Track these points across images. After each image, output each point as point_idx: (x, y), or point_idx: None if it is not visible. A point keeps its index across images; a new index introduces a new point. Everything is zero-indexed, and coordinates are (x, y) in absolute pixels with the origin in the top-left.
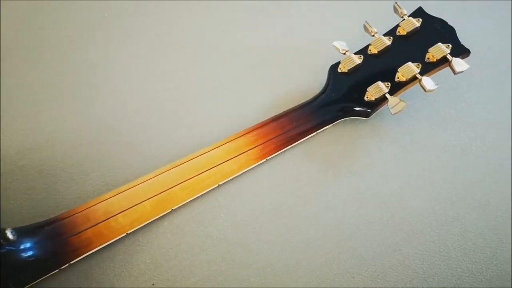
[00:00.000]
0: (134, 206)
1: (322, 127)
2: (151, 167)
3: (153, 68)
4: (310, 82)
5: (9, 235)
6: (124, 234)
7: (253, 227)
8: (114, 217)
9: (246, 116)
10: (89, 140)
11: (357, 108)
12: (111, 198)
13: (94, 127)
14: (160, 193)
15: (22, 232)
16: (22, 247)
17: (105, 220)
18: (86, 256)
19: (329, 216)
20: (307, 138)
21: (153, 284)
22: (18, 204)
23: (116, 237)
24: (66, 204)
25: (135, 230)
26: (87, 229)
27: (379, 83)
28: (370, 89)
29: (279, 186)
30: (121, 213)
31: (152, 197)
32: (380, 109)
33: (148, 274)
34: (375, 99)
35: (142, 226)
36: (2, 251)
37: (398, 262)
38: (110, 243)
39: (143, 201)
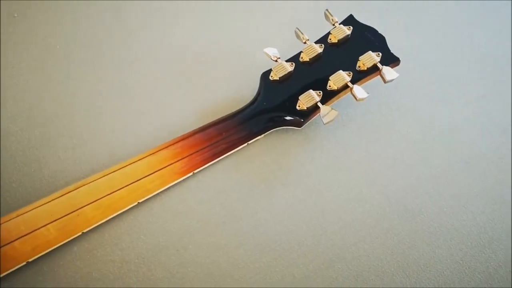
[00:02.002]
0: (34, 231)
1: (254, 138)
2: (56, 186)
3: (66, 70)
4: (241, 90)
5: None
6: (24, 263)
7: (177, 249)
8: (10, 244)
9: (171, 127)
10: None
11: (288, 118)
12: (6, 223)
13: None
14: (67, 214)
15: None
16: None
17: None
18: None
19: (260, 233)
20: (238, 150)
21: None
22: None
23: (13, 267)
24: None
25: (37, 258)
26: None
27: (311, 91)
28: (302, 98)
29: (207, 202)
30: (19, 240)
31: (56, 220)
32: (313, 118)
33: None
34: (307, 108)
35: (46, 253)
36: None
37: (332, 279)
38: (7, 274)
39: (46, 225)
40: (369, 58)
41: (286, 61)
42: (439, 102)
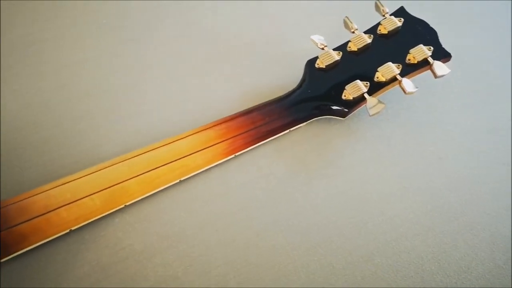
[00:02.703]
0: (80, 199)
1: (296, 125)
2: (102, 157)
3: (116, 50)
4: (282, 77)
5: None
6: (67, 231)
7: (216, 229)
8: (55, 210)
9: (213, 109)
10: (31, 123)
11: (334, 107)
12: (53, 189)
13: (38, 109)
14: (112, 186)
15: None
16: None
17: (44, 213)
18: (21, 254)
19: (299, 220)
20: (279, 136)
21: None
22: None
23: (57, 233)
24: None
25: (80, 227)
26: (22, 223)
27: (358, 82)
28: (348, 88)
29: (247, 185)
30: (64, 207)
31: (102, 190)
32: (358, 109)
33: (93, 277)
34: (353, 98)
35: (89, 223)
36: None
37: (371, 273)
38: (50, 240)
39: (91, 195)
40: (420, 52)
41: (333, 49)
42: (486, 101)
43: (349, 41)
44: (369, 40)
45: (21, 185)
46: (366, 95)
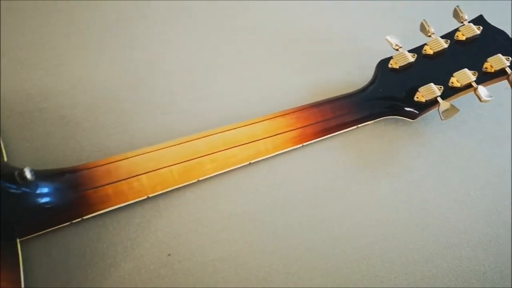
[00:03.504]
0: (160, 169)
1: (365, 122)
2: (180, 133)
3: (199, 35)
4: (351, 75)
5: (28, 174)
6: (145, 197)
7: (281, 213)
8: (137, 177)
9: (285, 98)
10: (117, 94)
11: (407, 108)
12: (136, 157)
13: (125, 82)
14: (189, 160)
15: (39, 176)
16: (37, 191)
17: (127, 178)
18: (101, 213)
19: (362, 215)
20: (347, 131)
21: (169, 255)
22: (33, 147)
23: (136, 198)
24: (85, 156)
25: (156, 195)
26: (107, 184)
27: (432, 85)
28: (422, 90)
29: (313, 175)
30: (146, 174)
31: (180, 163)
32: (428, 113)
33: (165, 243)
34: (426, 100)
35: (165, 192)
36: (16, 192)
37: (431, 274)
38: (129, 204)
39: (170, 166)
40: (498, 61)
41: (408, 51)
42: None
43: (425, 44)
44: (445, 45)
45: (107, 150)
46: (439, 99)
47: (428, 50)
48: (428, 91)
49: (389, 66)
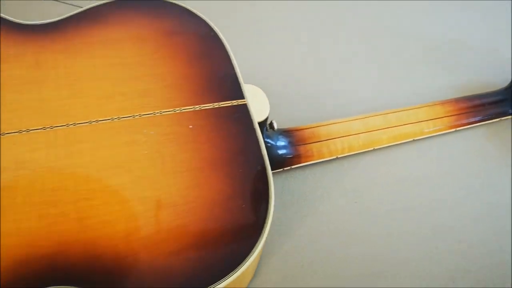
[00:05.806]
0: (350, 135)
1: (509, 115)
2: (356, 112)
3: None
4: (489, 77)
5: (275, 124)
6: (335, 157)
7: (431, 186)
8: (333, 140)
9: (434, 92)
10: (329, 77)
11: None
12: (333, 125)
13: (319, 74)
14: (371, 131)
15: (278, 131)
16: (270, 141)
17: (326, 140)
18: (303, 166)
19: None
20: (491, 122)
21: (356, 202)
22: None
23: (330, 157)
24: (303, 121)
25: (343, 157)
26: (311, 143)
27: None
28: None
29: (461, 157)
30: (339, 138)
31: (365, 132)
32: None
33: (351, 193)
34: None
35: (349, 155)
36: (267, 144)
37: None
38: (323, 161)
39: (358, 134)
40: None
41: None
42: None
43: None
44: None
45: (307, 119)
46: None
47: None
48: None
49: None
